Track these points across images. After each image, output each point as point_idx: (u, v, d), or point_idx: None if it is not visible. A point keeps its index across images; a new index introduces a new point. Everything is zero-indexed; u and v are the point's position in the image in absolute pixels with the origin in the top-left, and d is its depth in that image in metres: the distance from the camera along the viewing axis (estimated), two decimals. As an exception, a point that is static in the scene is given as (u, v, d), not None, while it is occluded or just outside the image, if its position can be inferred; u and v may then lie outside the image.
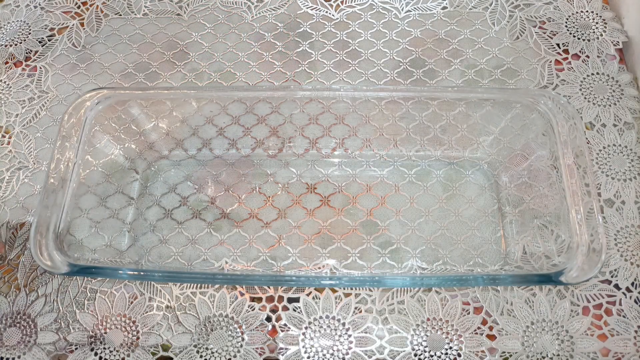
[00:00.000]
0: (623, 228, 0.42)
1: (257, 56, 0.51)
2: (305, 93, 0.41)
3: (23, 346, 0.39)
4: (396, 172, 0.45)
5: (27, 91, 0.49)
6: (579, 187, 0.36)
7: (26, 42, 0.52)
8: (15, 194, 0.45)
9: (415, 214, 0.43)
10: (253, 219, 0.44)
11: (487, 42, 0.50)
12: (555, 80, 0.48)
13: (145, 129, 0.44)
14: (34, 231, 0.35)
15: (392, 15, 0.52)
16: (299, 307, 0.40)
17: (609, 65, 0.48)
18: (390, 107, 0.43)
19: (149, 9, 0.54)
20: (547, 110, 0.39)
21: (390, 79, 0.49)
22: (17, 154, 0.47)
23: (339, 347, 0.39)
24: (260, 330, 0.39)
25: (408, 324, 0.39)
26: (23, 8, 0.54)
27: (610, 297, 0.40)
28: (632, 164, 0.44)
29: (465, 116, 0.43)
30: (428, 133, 0.44)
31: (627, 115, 0.46)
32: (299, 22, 0.52)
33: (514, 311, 0.39)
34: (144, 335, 0.39)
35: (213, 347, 0.39)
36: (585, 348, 0.38)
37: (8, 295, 0.41)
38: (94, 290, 0.41)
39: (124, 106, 0.42)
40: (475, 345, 0.38)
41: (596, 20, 0.50)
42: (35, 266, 0.42)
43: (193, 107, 0.43)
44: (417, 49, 0.50)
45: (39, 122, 0.48)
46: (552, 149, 0.38)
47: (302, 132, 0.45)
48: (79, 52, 0.51)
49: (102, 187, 0.42)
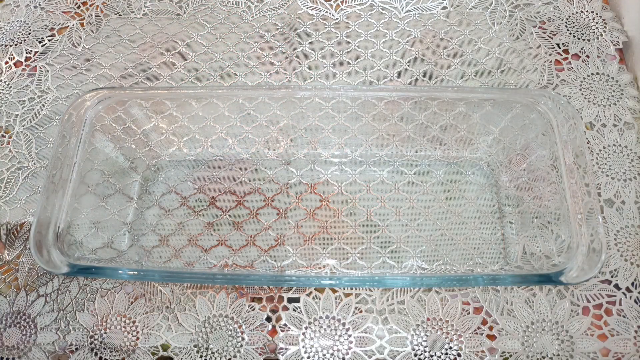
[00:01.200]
0: (623, 228, 0.42)
1: (257, 56, 0.51)
2: (305, 93, 0.41)
3: (23, 346, 0.39)
4: (396, 172, 0.45)
5: (27, 91, 0.49)
6: (579, 187, 0.36)
7: (26, 42, 0.52)
8: (15, 194, 0.45)
9: (415, 214, 0.43)
10: (253, 219, 0.44)
11: (487, 42, 0.50)
12: (555, 80, 0.48)
13: (145, 129, 0.44)
14: (34, 231, 0.35)
15: (392, 15, 0.52)
16: (299, 307, 0.40)
17: (609, 65, 0.48)
18: (390, 107, 0.43)
19: (149, 9, 0.54)
20: (547, 110, 0.39)
21: (390, 79, 0.49)
22: (17, 154, 0.47)
23: (339, 347, 0.39)
24: (260, 330, 0.39)
25: (408, 324, 0.39)
26: (23, 8, 0.54)
27: (610, 297, 0.40)
28: (632, 164, 0.44)
29: (465, 116, 0.43)
30: (428, 133, 0.44)
31: (627, 115, 0.46)
32: (299, 22, 0.52)
33: (514, 311, 0.39)
34: (143, 335, 0.39)
35: (213, 347, 0.39)
36: (585, 348, 0.38)
37: (8, 295, 0.41)
38: (94, 290, 0.41)
39: (124, 106, 0.42)
40: (475, 345, 0.38)
41: (596, 20, 0.50)
42: (35, 266, 0.42)
43: (193, 107, 0.43)
44: (417, 49, 0.50)
45: (39, 122, 0.48)
46: (552, 149, 0.38)
47: (302, 132, 0.45)
48: (79, 52, 0.51)
49: (102, 187, 0.42)
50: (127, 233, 0.43)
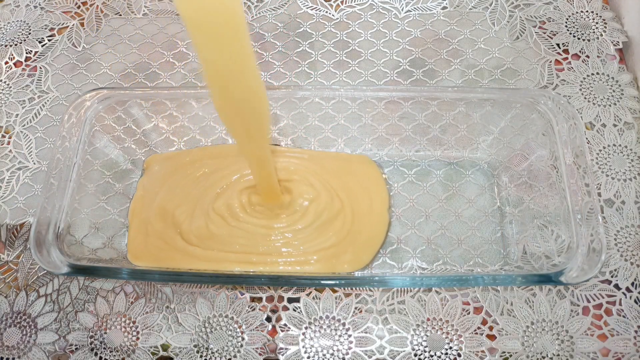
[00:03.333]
0: (623, 228, 0.42)
1: (257, 56, 0.50)
2: (305, 93, 0.41)
3: (23, 346, 0.39)
4: (396, 172, 0.45)
5: (27, 91, 0.49)
6: (579, 187, 0.36)
7: (26, 42, 0.52)
8: (16, 194, 0.45)
9: (415, 214, 0.43)
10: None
11: (487, 42, 0.50)
12: (555, 80, 0.48)
13: (145, 129, 0.44)
14: (34, 231, 0.35)
15: (392, 15, 0.52)
16: (299, 307, 0.40)
17: (609, 65, 0.48)
18: (390, 107, 0.43)
19: (149, 9, 0.54)
20: (547, 110, 0.39)
21: (390, 79, 0.49)
22: (17, 154, 0.47)
23: (339, 347, 0.39)
24: (260, 330, 0.39)
25: (408, 324, 0.39)
26: (23, 8, 0.54)
27: (610, 297, 0.40)
28: (632, 164, 0.44)
29: (465, 116, 0.43)
30: (428, 133, 0.44)
31: (627, 115, 0.46)
32: (299, 22, 0.52)
33: (514, 311, 0.39)
34: (143, 335, 0.39)
35: (213, 347, 0.39)
36: (585, 348, 0.38)
37: (8, 295, 0.41)
38: (94, 290, 0.41)
39: (124, 106, 0.42)
40: (475, 345, 0.38)
41: (596, 20, 0.50)
42: (35, 266, 0.42)
43: (193, 107, 0.43)
44: (417, 49, 0.50)
45: (39, 122, 0.48)
46: (552, 149, 0.38)
47: (302, 132, 0.45)
48: (79, 52, 0.51)
49: (102, 187, 0.42)
50: (127, 233, 0.43)
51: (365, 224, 0.41)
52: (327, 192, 0.42)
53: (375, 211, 0.42)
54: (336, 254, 0.40)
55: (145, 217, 0.42)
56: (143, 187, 0.43)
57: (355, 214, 0.41)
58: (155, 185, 0.43)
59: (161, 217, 0.41)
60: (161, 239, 0.40)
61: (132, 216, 0.42)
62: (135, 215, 0.42)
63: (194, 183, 0.43)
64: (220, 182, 0.43)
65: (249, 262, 0.39)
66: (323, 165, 0.43)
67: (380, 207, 0.42)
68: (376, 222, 0.41)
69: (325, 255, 0.40)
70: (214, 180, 0.43)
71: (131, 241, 0.41)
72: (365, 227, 0.41)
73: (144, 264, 0.40)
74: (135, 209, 0.43)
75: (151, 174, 0.44)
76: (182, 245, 0.40)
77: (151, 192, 0.43)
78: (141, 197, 0.43)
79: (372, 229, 0.41)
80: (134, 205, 0.43)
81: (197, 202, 0.42)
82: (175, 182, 0.43)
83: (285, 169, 0.43)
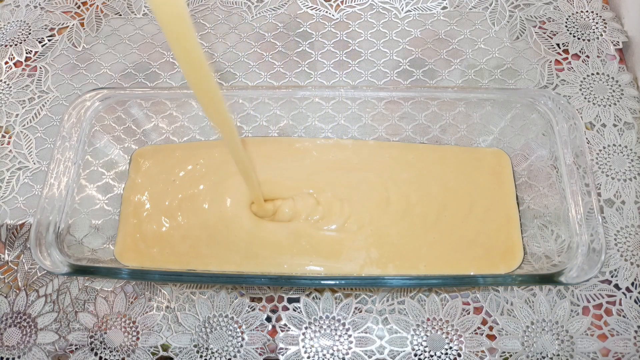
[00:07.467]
0: (623, 228, 0.42)
1: (257, 56, 0.51)
2: (305, 93, 0.41)
3: (23, 346, 0.39)
4: (396, 172, 0.45)
5: (27, 91, 0.49)
6: (579, 187, 0.36)
7: (26, 42, 0.52)
8: (16, 194, 0.45)
9: (415, 214, 0.43)
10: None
11: (487, 42, 0.50)
12: (555, 80, 0.48)
13: (145, 129, 0.44)
14: (34, 231, 0.35)
15: (392, 15, 0.52)
16: (299, 307, 0.40)
17: (609, 65, 0.48)
18: (390, 107, 0.43)
19: (149, 9, 0.54)
20: (547, 110, 0.39)
21: (390, 79, 0.49)
22: (17, 154, 0.47)
23: (339, 347, 0.39)
24: (260, 330, 0.39)
25: (408, 324, 0.39)
26: (23, 8, 0.54)
27: (610, 297, 0.40)
28: (632, 164, 0.44)
29: (465, 116, 0.43)
30: (428, 133, 0.44)
31: (627, 115, 0.46)
32: (299, 22, 0.52)
33: (514, 311, 0.39)
34: (143, 335, 0.39)
35: (213, 347, 0.39)
36: (585, 348, 0.38)
37: (8, 295, 0.41)
38: (94, 290, 0.41)
39: (124, 106, 0.42)
40: (475, 345, 0.38)
41: (596, 20, 0.50)
42: (35, 266, 0.42)
43: (193, 107, 0.43)
44: (417, 49, 0.50)
45: (39, 122, 0.48)
46: (552, 149, 0.38)
47: (302, 132, 0.45)
48: (79, 52, 0.51)
49: (102, 187, 0.42)
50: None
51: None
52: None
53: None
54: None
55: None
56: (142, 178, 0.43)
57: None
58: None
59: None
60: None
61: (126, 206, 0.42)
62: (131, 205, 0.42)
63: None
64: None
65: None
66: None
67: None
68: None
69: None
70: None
71: (122, 239, 0.41)
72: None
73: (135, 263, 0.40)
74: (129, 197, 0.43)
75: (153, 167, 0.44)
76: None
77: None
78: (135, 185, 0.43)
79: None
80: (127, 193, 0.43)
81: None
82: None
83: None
